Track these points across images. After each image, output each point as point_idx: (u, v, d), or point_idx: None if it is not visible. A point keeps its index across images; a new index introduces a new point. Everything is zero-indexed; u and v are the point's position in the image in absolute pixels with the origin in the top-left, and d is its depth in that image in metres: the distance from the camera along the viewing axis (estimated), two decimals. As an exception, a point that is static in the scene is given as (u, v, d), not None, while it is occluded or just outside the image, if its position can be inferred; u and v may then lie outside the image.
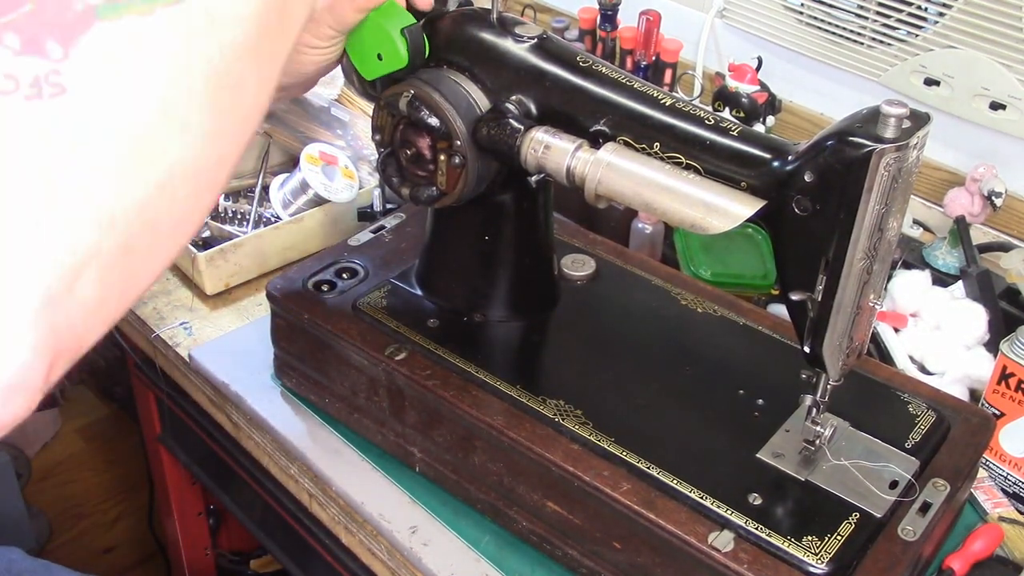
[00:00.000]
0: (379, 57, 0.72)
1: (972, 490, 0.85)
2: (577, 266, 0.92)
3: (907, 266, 1.07)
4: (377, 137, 0.78)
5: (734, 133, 0.67)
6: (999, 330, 0.97)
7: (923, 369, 0.97)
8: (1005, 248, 1.11)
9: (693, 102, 0.70)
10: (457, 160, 0.74)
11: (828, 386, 0.69)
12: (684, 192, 0.66)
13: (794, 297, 0.67)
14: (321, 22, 0.68)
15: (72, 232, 0.36)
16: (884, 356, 0.98)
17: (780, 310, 0.96)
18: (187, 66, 0.39)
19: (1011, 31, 1.06)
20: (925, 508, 0.71)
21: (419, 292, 0.88)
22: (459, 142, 0.73)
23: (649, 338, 0.86)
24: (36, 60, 0.35)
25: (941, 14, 1.12)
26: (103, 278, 0.38)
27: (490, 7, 0.75)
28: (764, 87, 1.17)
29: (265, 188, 1.19)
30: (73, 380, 1.68)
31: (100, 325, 0.40)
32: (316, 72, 0.73)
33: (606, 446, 0.73)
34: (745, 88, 1.14)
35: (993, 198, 1.08)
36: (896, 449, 0.74)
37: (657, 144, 0.68)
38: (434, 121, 0.73)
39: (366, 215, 1.12)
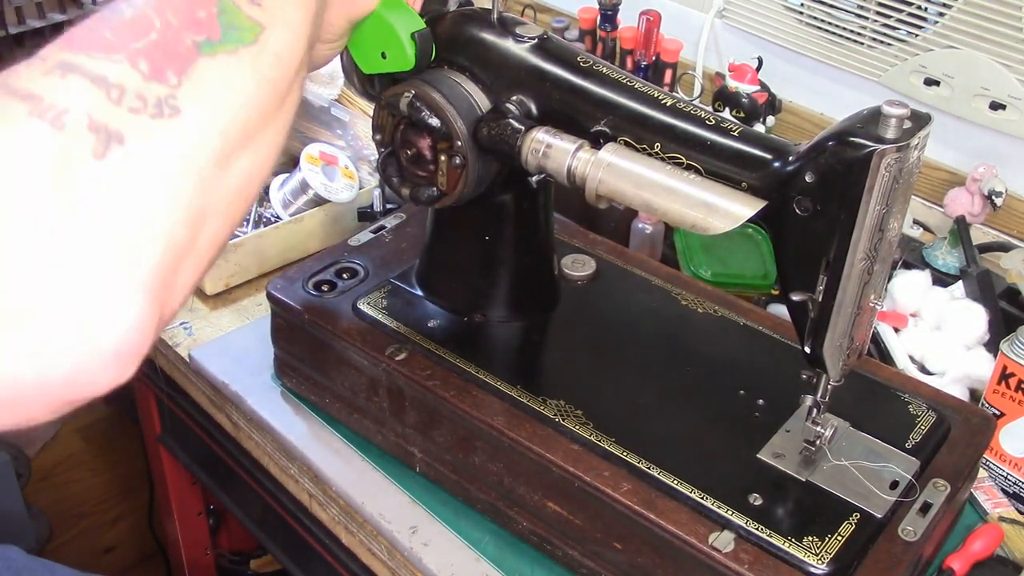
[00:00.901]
0: (383, 55, 0.72)
1: (972, 490, 0.85)
2: (577, 266, 0.92)
3: (907, 266, 1.07)
4: (377, 137, 0.78)
5: (735, 133, 0.67)
6: (999, 330, 0.97)
7: (923, 369, 0.97)
8: (1005, 248, 1.11)
9: (693, 102, 0.70)
10: (458, 161, 0.74)
11: (828, 386, 0.69)
12: (685, 192, 0.66)
13: (795, 297, 0.66)
14: (331, 6, 0.68)
15: (175, 225, 0.42)
16: (884, 356, 0.98)
17: (780, 310, 0.96)
18: (257, 95, 0.47)
19: (1011, 31, 1.06)
20: (925, 508, 0.71)
21: (419, 292, 0.88)
22: (460, 143, 0.73)
23: (649, 338, 0.86)
24: (159, 85, 0.42)
25: (941, 14, 1.12)
26: (196, 268, 0.45)
27: (490, 7, 0.75)
28: (764, 87, 1.17)
29: (265, 188, 1.19)
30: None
31: (181, 307, 0.47)
32: (320, 67, 0.73)
33: (606, 446, 0.73)
34: (745, 88, 1.14)
35: (993, 198, 1.09)
36: (896, 449, 0.74)
37: (658, 144, 0.68)
38: (435, 122, 0.73)
39: (366, 215, 1.12)
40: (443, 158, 0.75)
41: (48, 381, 0.40)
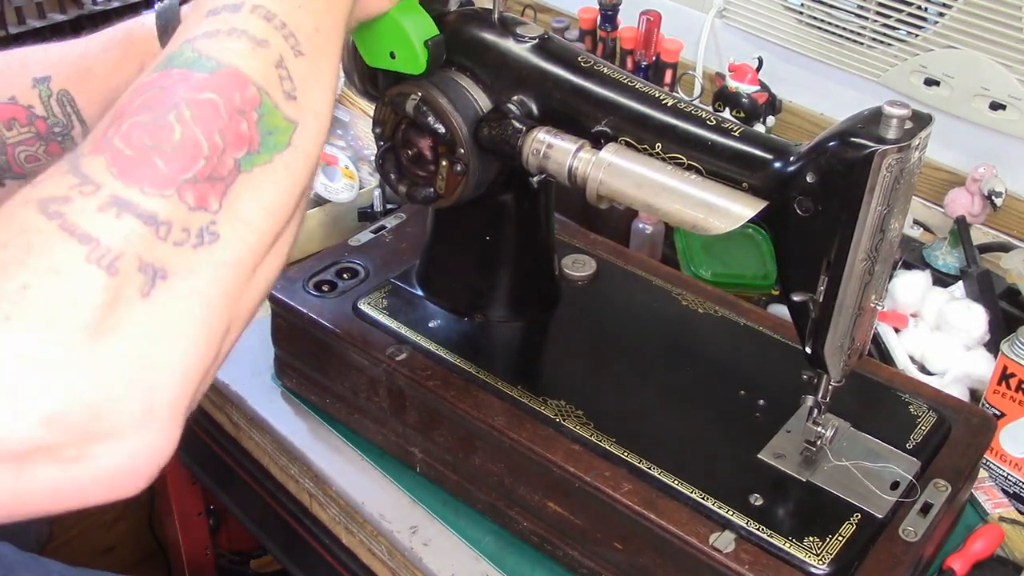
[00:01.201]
0: (392, 55, 0.71)
1: (973, 490, 0.85)
2: (578, 266, 0.92)
3: (907, 266, 1.07)
4: (378, 130, 0.78)
5: (735, 134, 0.67)
6: (999, 330, 0.97)
7: (923, 369, 0.97)
8: (1005, 248, 1.11)
9: (694, 103, 0.70)
10: (459, 168, 0.74)
11: (829, 387, 0.69)
12: (685, 193, 0.66)
13: (795, 298, 0.66)
14: None
15: (206, 346, 0.43)
16: (885, 356, 0.98)
17: (781, 310, 0.96)
18: (287, 201, 0.46)
19: (1011, 31, 1.06)
20: (926, 509, 0.71)
21: (420, 292, 0.88)
22: (463, 150, 0.73)
23: (650, 338, 0.86)
24: (202, 213, 0.42)
25: (941, 14, 1.12)
26: (216, 369, 0.46)
27: (491, 7, 0.75)
28: (764, 87, 1.17)
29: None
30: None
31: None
32: None
33: (607, 446, 0.73)
34: (745, 88, 1.14)
35: (993, 198, 1.09)
36: (897, 450, 0.74)
37: (659, 145, 0.68)
38: (440, 127, 0.72)
39: (366, 215, 1.12)
40: (444, 163, 0.74)
41: (86, 496, 0.42)
